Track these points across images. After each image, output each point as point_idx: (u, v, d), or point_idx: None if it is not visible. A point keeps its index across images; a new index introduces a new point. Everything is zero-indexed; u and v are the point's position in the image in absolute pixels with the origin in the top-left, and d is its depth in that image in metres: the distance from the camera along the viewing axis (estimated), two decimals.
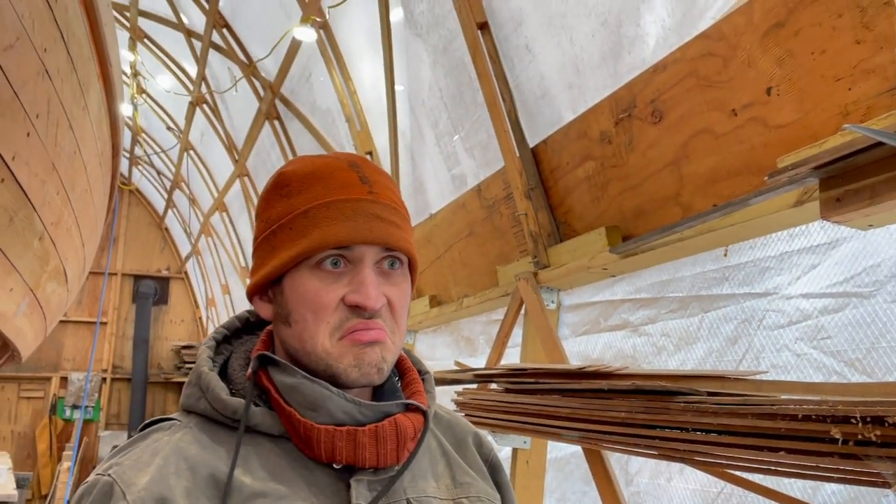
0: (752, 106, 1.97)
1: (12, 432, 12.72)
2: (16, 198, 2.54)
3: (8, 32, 2.13)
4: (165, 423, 0.95)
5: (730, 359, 2.04)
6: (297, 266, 0.93)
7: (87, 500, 0.85)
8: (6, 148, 2.29)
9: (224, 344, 1.06)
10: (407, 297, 0.98)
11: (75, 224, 3.63)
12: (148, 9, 8.01)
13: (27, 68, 2.34)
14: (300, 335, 0.93)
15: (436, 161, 3.95)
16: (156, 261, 14.51)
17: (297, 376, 0.91)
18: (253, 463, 0.90)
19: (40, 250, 3.13)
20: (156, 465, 0.86)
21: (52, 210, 3.06)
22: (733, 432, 1.55)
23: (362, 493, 0.90)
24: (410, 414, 0.95)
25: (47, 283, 3.52)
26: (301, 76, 5.87)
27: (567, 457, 2.81)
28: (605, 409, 1.98)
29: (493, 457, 1.11)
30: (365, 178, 0.95)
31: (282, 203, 0.96)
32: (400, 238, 0.94)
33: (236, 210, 9.53)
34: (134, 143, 11.91)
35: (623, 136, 2.46)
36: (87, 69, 3.13)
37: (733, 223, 1.92)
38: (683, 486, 2.15)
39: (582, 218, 2.77)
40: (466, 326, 3.97)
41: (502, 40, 3.03)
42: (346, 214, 0.91)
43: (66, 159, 3.08)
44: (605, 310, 2.65)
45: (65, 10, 2.65)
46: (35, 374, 12.86)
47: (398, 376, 1.06)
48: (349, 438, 0.89)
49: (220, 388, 0.94)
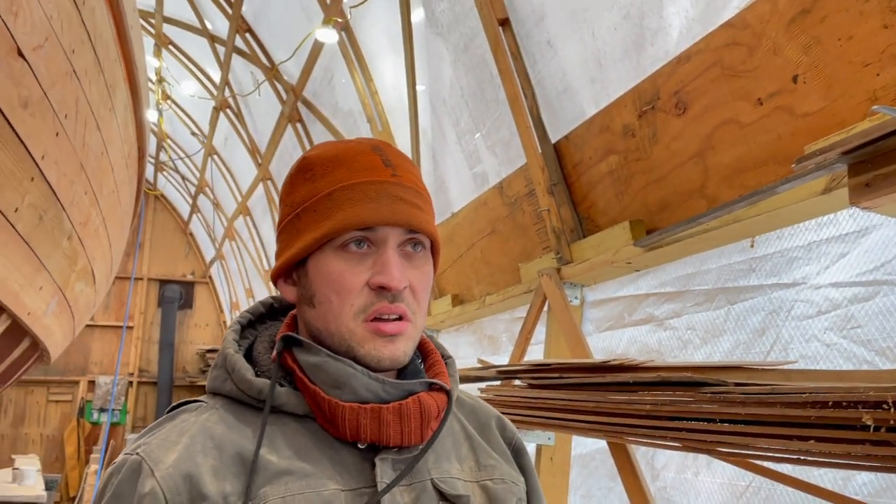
0: (778, 94, 1.95)
1: (41, 435, 12.92)
2: (45, 197, 2.59)
3: (37, 33, 2.17)
4: (192, 405, 0.96)
5: (757, 350, 2.01)
6: (322, 248, 0.94)
7: (115, 479, 0.86)
8: (36, 147, 2.33)
9: (249, 329, 1.07)
10: (429, 280, 0.98)
11: (103, 225, 3.69)
12: (173, 15, 8.12)
13: (56, 69, 2.38)
14: (324, 316, 0.93)
15: (457, 159, 3.96)
16: (181, 265, 14.66)
17: (322, 355, 0.92)
18: (279, 442, 0.90)
19: (69, 250, 3.18)
20: (183, 443, 0.87)
21: (80, 210, 3.11)
22: (762, 422, 1.53)
23: (387, 472, 0.90)
24: (434, 393, 0.95)
25: (76, 282, 3.57)
26: (323, 78, 5.91)
27: (592, 453, 2.79)
28: (631, 402, 1.96)
29: (516, 440, 1.11)
30: (388, 161, 0.96)
31: (306, 187, 0.97)
32: (422, 220, 0.94)
33: (259, 213, 9.61)
34: (159, 148, 12.06)
35: (646, 128, 2.45)
36: (113, 71, 3.18)
37: (760, 213, 1.90)
38: (711, 481, 2.12)
39: (605, 213, 2.76)
40: (489, 325, 3.96)
41: (524, 36, 3.03)
42: (369, 196, 0.92)
43: (94, 160, 3.12)
44: (630, 304, 2.63)
45: (92, 12, 2.69)
46: (63, 378, 13.06)
47: (421, 358, 1.06)
48: (373, 416, 0.89)
49: (245, 369, 0.95)
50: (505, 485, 1.01)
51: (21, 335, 3.30)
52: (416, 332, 0.95)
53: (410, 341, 0.94)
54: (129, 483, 0.85)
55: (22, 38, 2.05)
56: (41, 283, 3.00)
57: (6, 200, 2.25)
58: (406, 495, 0.91)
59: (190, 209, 13.59)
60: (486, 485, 0.99)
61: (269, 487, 0.85)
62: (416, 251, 0.96)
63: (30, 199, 2.47)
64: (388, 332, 0.91)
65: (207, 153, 10.19)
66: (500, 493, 0.99)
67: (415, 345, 0.96)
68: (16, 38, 2.02)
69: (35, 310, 3.10)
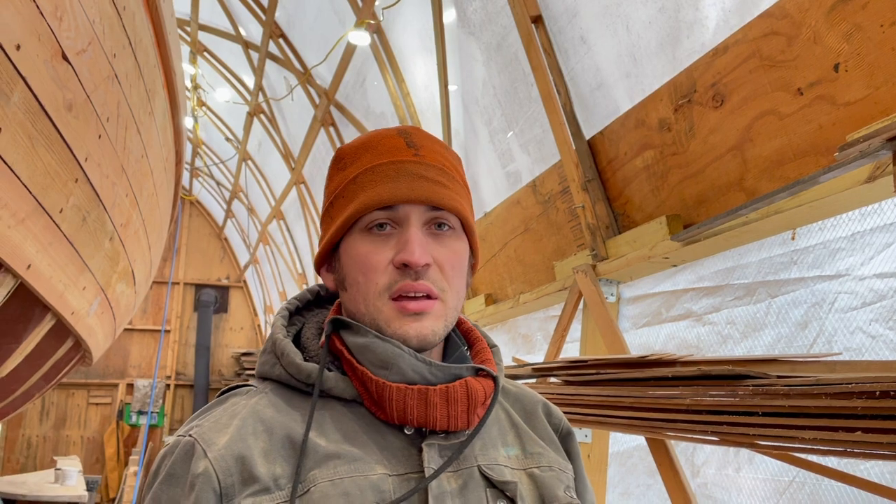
0: (818, 84, 1.92)
1: (82, 437, 13.18)
2: (88, 198, 2.65)
3: (81, 37, 2.23)
4: (242, 389, 0.98)
5: (800, 344, 1.98)
6: (350, 232, 0.95)
7: (169, 459, 0.88)
8: (80, 149, 2.39)
9: (297, 315, 1.08)
10: (459, 257, 0.96)
11: (143, 227, 3.76)
12: (208, 22, 8.25)
13: (98, 73, 2.43)
14: (355, 297, 0.95)
15: (490, 159, 3.96)
16: (216, 270, 14.87)
17: (370, 336, 0.92)
18: (327, 426, 0.91)
19: (111, 251, 3.25)
20: (234, 426, 0.89)
21: (121, 212, 3.17)
22: (806, 414, 1.51)
23: (433, 458, 0.90)
24: (481, 379, 0.95)
25: (117, 283, 3.64)
26: (355, 82, 5.96)
27: (630, 450, 2.77)
28: (670, 397, 1.94)
29: (563, 425, 1.10)
30: (411, 143, 0.97)
31: (338, 176, 0.99)
32: (445, 196, 0.93)
33: (293, 217, 9.70)
34: (194, 154, 12.25)
35: (683, 122, 2.42)
36: (153, 76, 3.24)
37: (801, 203, 1.86)
38: (753, 477, 2.09)
39: (641, 208, 2.74)
40: (523, 324, 3.95)
41: (557, 33, 3.03)
42: (389, 176, 0.93)
43: (134, 163, 3.19)
44: (668, 300, 2.61)
45: (132, 17, 2.75)
46: (103, 381, 13.32)
47: (467, 346, 1.06)
48: (420, 397, 0.89)
49: (294, 354, 0.96)
50: (553, 472, 0.99)
51: (65, 335, 3.38)
52: (446, 311, 0.94)
53: (440, 320, 0.93)
54: (182, 464, 0.86)
55: (66, 42, 2.10)
56: (84, 283, 3.06)
57: (52, 201, 2.30)
58: (453, 481, 0.91)
59: (225, 214, 13.78)
60: (533, 472, 0.98)
61: (318, 471, 0.86)
62: (443, 230, 0.95)
63: (74, 201, 2.53)
64: (411, 309, 0.91)
65: (241, 158, 10.33)
66: (547, 480, 0.97)
67: (447, 325, 0.95)
68: (60, 42, 2.07)
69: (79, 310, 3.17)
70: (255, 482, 0.84)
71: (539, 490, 0.96)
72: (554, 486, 0.98)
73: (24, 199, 2.11)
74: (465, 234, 0.99)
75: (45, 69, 2.01)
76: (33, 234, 2.27)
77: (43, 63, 1.99)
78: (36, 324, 2.86)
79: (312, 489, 0.85)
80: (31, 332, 2.88)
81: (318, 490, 0.85)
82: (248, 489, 0.84)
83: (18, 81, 1.88)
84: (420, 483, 0.87)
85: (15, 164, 1.98)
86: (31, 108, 1.99)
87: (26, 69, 1.89)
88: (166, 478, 0.87)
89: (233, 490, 0.84)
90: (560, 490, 0.98)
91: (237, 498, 0.84)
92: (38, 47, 1.94)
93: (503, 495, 0.93)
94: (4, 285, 2.34)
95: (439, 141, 1.02)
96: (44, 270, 2.48)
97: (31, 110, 2.00)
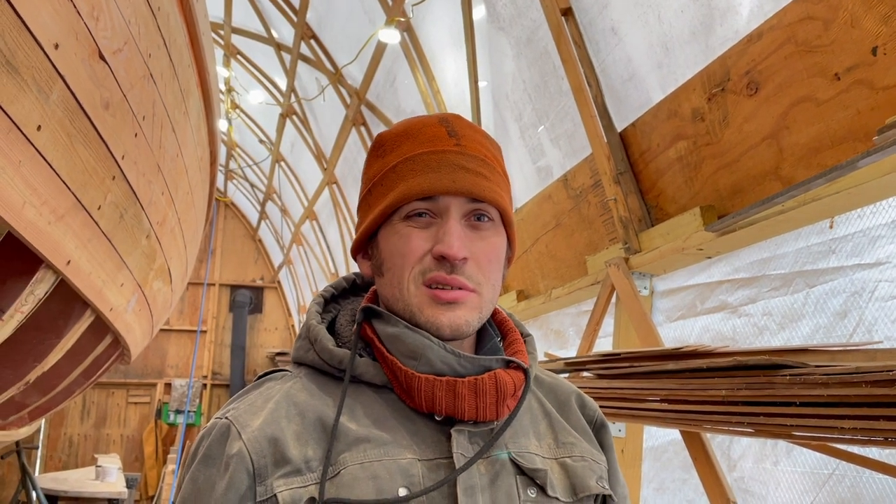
0: (856, 68, 1.87)
1: (121, 436, 13.45)
2: (125, 195, 2.70)
3: (117, 37, 2.27)
4: (278, 374, 0.99)
5: (839, 334, 1.94)
6: (389, 220, 0.95)
7: (206, 441, 0.90)
8: (116, 146, 2.43)
9: (332, 303, 1.08)
10: (496, 251, 0.96)
11: (178, 225, 3.82)
12: (241, 25, 8.36)
13: (134, 72, 2.48)
14: (391, 282, 0.95)
15: (521, 154, 3.94)
16: (250, 271, 15.05)
17: (399, 326, 0.92)
18: (358, 411, 0.92)
19: (147, 248, 3.31)
20: (268, 409, 0.90)
21: (157, 210, 3.23)
22: (846, 403, 1.47)
23: (463, 444, 0.90)
24: (511, 371, 0.94)
25: (153, 280, 3.71)
26: (385, 80, 5.99)
27: (664, 445, 2.73)
28: (705, 389, 1.91)
29: (597, 417, 1.08)
30: (453, 132, 0.96)
31: (378, 163, 0.99)
32: (486, 188, 0.93)
33: (325, 217, 9.78)
34: (229, 157, 12.42)
35: (717, 111, 2.39)
36: (187, 76, 3.29)
37: (840, 190, 1.82)
38: (791, 470, 2.05)
39: (674, 200, 2.70)
40: (555, 319, 3.93)
41: (587, 25, 3.00)
42: (430, 166, 0.92)
43: (170, 161, 3.24)
44: (702, 293, 2.57)
45: (167, 18, 2.80)
46: (142, 381, 13.58)
47: (500, 337, 1.05)
48: (448, 388, 0.89)
49: (327, 339, 0.97)
50: (585, 462, 0.98)
51: (104, 331, 3.45)
52: (482, 303, 0.94)
53: (475, 311, 0.93)
54: (218, 445, 0.88)
55: (103, 41, 2.15)
56: (122, 279, 3.12)
57: (90, 198, 2.35)
58: (483, 468, 0.91)
59: (258, 216, 13.95)
60: (564, 462, 0.97)
61: (348, 454, 0.87)
62: (483, 222, 0.94)
63: (111, 198, 2.58)
64: (444, 299, 0.91)
65: (275, 160, 10.45)
66: (579, 470, 0.97)
67: (482, 317, 0.94)
68: (97, 42, 2.11)
69: (117, 306, 3.23)
70: (287, 463, 0.86)
71: (570, 479, 0.96)
72: (586, 476, 0.97)
73: (63, 195, 2.16)
74: (503, 227, 0.98)
75: (83, 68, 2.05)
76: (72, 230, 2.32)
77: (80, 62, 2.03)
78: (76, 319, 2.93)
79: (342, 471, 0.86)
80: (71, 328, 2.94)
81: (348, 472, 0.85)
82: (281, 470, 0.86)
83: (57, 80, 1.92)
84: (452, 473, 0.87)
85: (54, 160, 2.03)
86: (69, 106, 2.03)
87: (64, 68, 1.93)
88: (203, 458, 0.89)
89: (265, 471, 0.85)
90: (592, 480, 0.97)
91: (270, 478, 0.85)
92: (76, 46, 1.98)
93: (534, 483, 0.93)
94: (45, 281, 2.39)
95: (480, 130, 1.01)
96: (83, 266, 2.53)
97: (70, 108, 2.04)
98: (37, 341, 2.84)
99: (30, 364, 2.93)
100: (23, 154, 1.83)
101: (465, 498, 0.87)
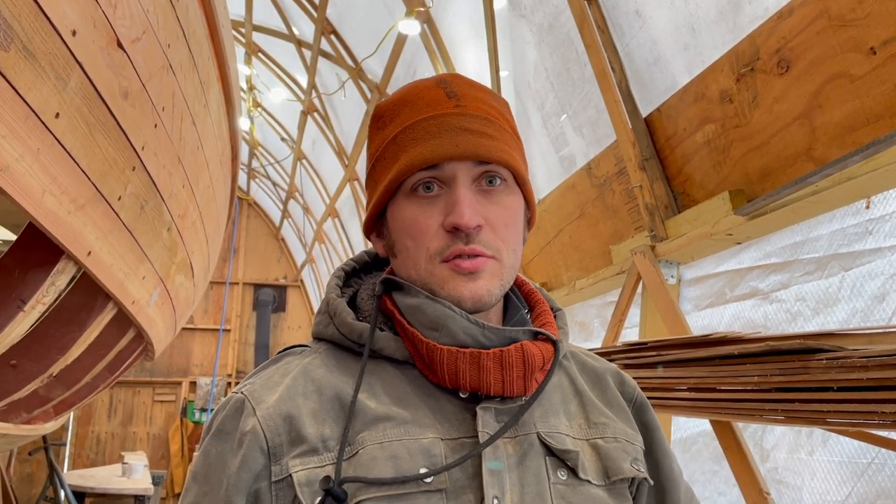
0: (893, 41, 1.80)
1: (148, 434, 13.60)
2: (146, 187, 2.69)
3: (135, 25, 2.26)
4: (297, 349, 0.95)
5: (877, 318, 1.86)
6: (395, 195, 0.90)
7: (220, 415, 0.87)
8: (136, 137, 2.42)
9: (354, 277, 1.04)
10: (512, 213, 0.90)
11: (200, 219, 3.82)
12: (261, 23, 8.39)
13: (153, 62, 2.46)
14: (405, 263, 0.90)
15: (543, 144, 3.89)
16: (273, 270, 15.14)
17: (421, 296, 0.88)
18: (377, 388, 0.88)
19: (168, 241, 3.30)
20: (285, 385, 0.87)
21: (178, 202, 3.22)
22: (886, 387, 1.41)
23: (489, 423, 0.85)
24: (540, 343, 0.89)
25: (175, 274, 3.71)
26: (406, 74, 5.96)
27: (694, 436, 2.67)
28: (736, 376, 1.85)
29: (637, 395, 1.02)
30: (452, 93, 0.90)
31: (378, 135, 0.94)
32: (492, 148, 0.87)
33: (347, 214, 9.78)
34: (251, 156, 12.49)
35: (746, 92, 2.32)
36: (206, 68, 3.28)
37: (877, 168, 1.75)
38: (828, 459, 1.98)
39: (702, 186, 2.64)
40: (580, 311, 3.87)
41: (610, 8, 2.94)
42: (430, 132, 0.87)
43: (190, 154, 3.24)
44: (731, 279, 2.50)
45: (185, 8, 2.79)
46: (167, 379, 13.73)
47: (528, 309, 1.00)
48: (472, 361, 0.84)
49: (346, 313, 0.93)
50: (618, 443, 0.93)
51: (126, 325, 3.45)
52: (502, 270, 0.88)
53: (496, 279, 0.88)
54: (232, 420, 0.85)
55: (121, 29, 2.13)
56: (143, 272, 3.12)
57: (110, 188, 2.34)
58: (510, 447, 0.86)
59: (281, 214, 14.02)
60: (596, 443, 0.91)
61: (366, 433, 0.83)
62: (495, 185, 0.88)
63: (132, 189, 2.57)
64: (465, 268, 0.86)
65: (296, 158, 10.47)
66: (612, 451, 0.91)
67: (503, 284, 0.89)
68: (115, 30, 2.10)
69: (139, 299, 3.23)
70: (302, 442, 0.82)
71: (603, 461, 0.90)
72: (619, 458, 0.91)
73: (83, 185, 2.15)
74: (518, 187, 0.92)
75: (101, 56, 2.04)
76: (93, 220, 2.31)
77: (98, 50, 2.02)
78: (98, 312, 2.92)
79: (360, 451, 0.82)
80: (93, 321, 2.94)
81: (366, 452, 0.81)
82: (296, 449, 0.82)
83: (75, 67, 1.91)
84: (475, 448, 0.82)
85: (74, 149, 2.02)
86: (87, 94, 2.02)
87: (82, 55, 1.91)
88: (216, 433, 0.86)
89: (281, 450, 0.82)
90: (626, 462, 0.91)
91: (285, 458, 0.82)
92: (94, 34, 1.97)
93: (564, 465, 0.88)
94: (66, 272, 2.39)
95: (483, 87, 0.95)
96: (104, 258, 2.52)
97: (88, 96, 2.03)
98: (59, 334, 2.84)
99: (53, 356, 2.94)
100: (41, 142, 1.82)
101: (491, 478, 0.82)
